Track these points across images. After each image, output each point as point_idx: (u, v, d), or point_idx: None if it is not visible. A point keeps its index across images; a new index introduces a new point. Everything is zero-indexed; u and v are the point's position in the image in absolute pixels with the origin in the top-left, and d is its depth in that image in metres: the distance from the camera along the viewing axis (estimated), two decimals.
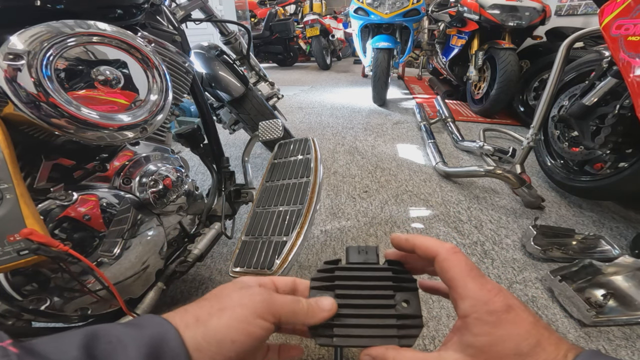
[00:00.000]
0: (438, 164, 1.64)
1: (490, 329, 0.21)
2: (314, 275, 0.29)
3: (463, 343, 0.23)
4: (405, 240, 0.28)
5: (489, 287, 0.23)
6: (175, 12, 0.92)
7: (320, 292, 0.28)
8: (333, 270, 0.29)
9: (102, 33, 0.51)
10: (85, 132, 0.48)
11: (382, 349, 0.25)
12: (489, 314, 0.22)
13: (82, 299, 0.56)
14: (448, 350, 0.24)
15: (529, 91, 2.20)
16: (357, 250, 0.30)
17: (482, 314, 0.22)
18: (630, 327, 0.81)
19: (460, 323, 0.24)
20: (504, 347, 0.21)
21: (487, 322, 0.22)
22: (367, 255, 0.29)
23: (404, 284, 0.28)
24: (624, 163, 1.14)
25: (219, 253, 1.12)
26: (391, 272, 0.28)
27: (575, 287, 0.87)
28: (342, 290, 0.27)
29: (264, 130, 1.00)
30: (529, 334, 0.21)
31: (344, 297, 0.27)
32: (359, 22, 2.74)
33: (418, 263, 0.29)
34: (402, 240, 0.28)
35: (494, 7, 2.18)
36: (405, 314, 0.26)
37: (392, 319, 0.26)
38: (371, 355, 0.25)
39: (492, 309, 0.22)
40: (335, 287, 0.28)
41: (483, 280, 0.24)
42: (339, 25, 5.56)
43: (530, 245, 1.04)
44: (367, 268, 0.28)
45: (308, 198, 0.72)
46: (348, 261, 0.29)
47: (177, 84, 0.75)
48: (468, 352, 0.22)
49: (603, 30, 1.00)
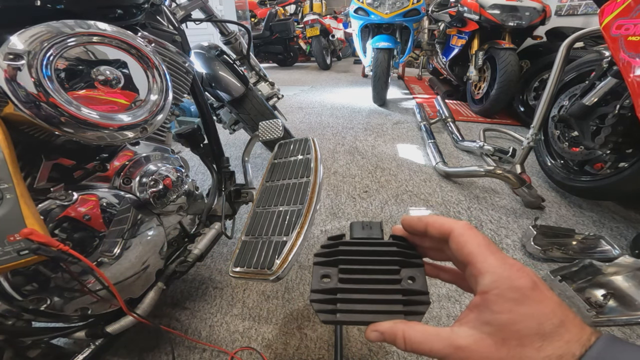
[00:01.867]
0: (438, 164, 1.64)
1: (512, 306, 0.20)
2: (317, 251, 0.28)
3: (480, 320, 0.21)
4: (417, 220, 0.27)
5: (510, 262, 0.22)
6: (175, 12, 0.92)
7: (323, 268, 0.27)
8: (337, 246, 0.28)
9: (102, 33, 0.51)
10: (85, 132, 0.48)
11: (389, 324, 0.23)
12: (512, 290, 0.20)
13: (82, 299, 0.56)
14: (462, 326, 0.22)
15: (529, 91, 2.20)
16: (361, 226, 0.29)
17: (505, 290, 0.20)
18: (630, 327, 0.81)
19: (478, 300, 0.22)
20: (525, 325, 0.19)
21: (509, 298, 0.20)
22: (371, 231, 0.29)
23: (409, 259, 0.27)
24: (624, 163, 1.14)
25: (219, 253, 1.12)
26: (396, 247, 0.27)
27: (576, 287, 0.87)
28: (346, 265, 0.27)
29: (264, 130, 1.00)
30: (554, 314, 0.19)
31: (348, 272, 0.26)
32: (359, 22, 2.74)
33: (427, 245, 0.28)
34: (414, 220, 0.27)
35: (494, 7, 2.18)
36: (412, 289, 0.25)
37: (398, 294, 0.25)
38: (379, 330, 0.23)
39: (516, 285, 0.20)
40: (339, 262, 0.27)
41: (503, 255, 0.22)
42: (339, 25, 5.56)
43: (531, 245, 1.04)
44: (372, 243, 0.28)
45: (308, 198, 0.72)
46: (352, 237, 0.29)
47: (177, 84, 0.75)
48: (485, 329, 0.21)
49: (603, 30, 1.00)
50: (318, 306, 0.25)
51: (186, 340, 0.83)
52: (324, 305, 0.25)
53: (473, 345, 0.21)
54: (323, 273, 0.27)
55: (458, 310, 0.87)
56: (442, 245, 0.26)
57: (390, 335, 0.23)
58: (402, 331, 0.22)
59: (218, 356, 0.79)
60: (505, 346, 0.20)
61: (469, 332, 0.21)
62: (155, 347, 0.81)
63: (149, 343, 0.82)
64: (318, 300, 0.25)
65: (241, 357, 0.79)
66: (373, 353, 0.78)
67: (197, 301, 0.94)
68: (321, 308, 0.25)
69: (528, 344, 0.19)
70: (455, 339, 0.21)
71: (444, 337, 0.22)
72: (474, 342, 0.21)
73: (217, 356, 0.79)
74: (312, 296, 0.26)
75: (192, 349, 0.81)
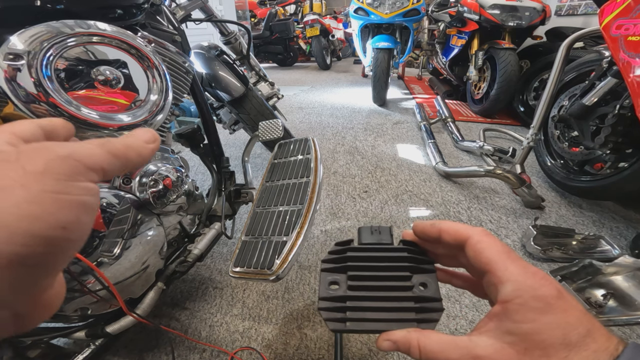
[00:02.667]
0: (438, 164, 1.64)
1: (536, 315, 0.19)
2: (324, 257, 0.27)
3: (501, 329, 0.20)
4: (430, 225, 0.25)
5: (533, 270, 0.21)
6: (175, 12, 0.92)
7: (331, 274, 0.26)
8: (345, 251, 0.27)
9: (102, 33, 0.51)
10: (85, 132, 0.48)
11: (403, 332, 0.22)
12: (536, 299, 0.19)
13: (82, 299, 0.56)
14: (481, 335, 0.21)
15: (529, 91, 2.20)
16: (370, 231, 0.28)
17: (528, 299, 0.20)
18: (630, 327, 0.81)
19: (499, 309, 0.21)
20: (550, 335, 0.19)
21: (533, 308, 0.19)
22: (380, 236, 0.28)
23: (420, 265, 0.26)
24: (624, 163, 1.14)
25: (219, 253, 1.12)
26: (407, 252, 0.26)
27: (576, 287, 0.87)
28: (355, 272, 0.25)
29: (264, 130, 1.00)
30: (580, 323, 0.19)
31: (357, 279, 0.25)
32: (359, 22, 2.74)
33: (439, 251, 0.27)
34: (427, 226, 0.26)
35: (494, 7, 2.18)
36: (424, 296, 0.24)
37: (410, 302, 0.24)
38: (391, 339, 0.22)
39: (540, 294, 0.20)
40: (348, 269, 0.26)
41: (524, 263, 0.21)
42: (339, 25, 5.56)
43: (530, 245, 1.04)
44: (381, 248, 0.27)
45: (308, 198, 0.72)
46: (360, 242, 0.28)
47: (177, 84, 0.75)
48: (506, 339, 0.20)
49: (603, 30, 1.00)
50: (327, 314, 0.24)
51: (186, 340, 0.83)
52: (333, 314, 0.24)
53: (494, 355, 0.20)
54: (331, 280, 0.26)
55: (458, 310, 0.87)
56: (456, 252, 0.25)
57: (404, 345, 0.22)
58: (417, 340, 0.22)
59: (218, 356, 0.79)
60: (528, 356, 0.19)
61: (488, 342, 0.21)
62: (155, 347, 0.81)
63: (149, 343, 0.82)
64: (327, 309, 0.25)
65: (241, 357, 0.79)
66: (373, 353, 0.78)
67: (197, 301, 0.94)
68: (330, 316, 0.24)
69: (553, 354, 0.19)
70: (473, 348, 0.21)
71: (462, 346, 0.21)
72: (495, 352, 0.20)
73: (217, 356, 0.79)
74: (320, 304, 0.25)
75: (192, 349, 0.81)
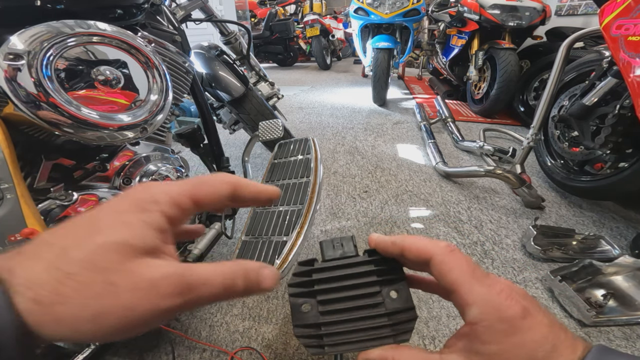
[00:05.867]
0: (438, 164, 1.64)
1: (502, 337, 0.20)
2: (290, 281, 0.26)
3: (469, 349, 0.21)
4: (391, 244, 0.25)
5: (497, 289, 0.21)
6: (175, 12, 0.92)
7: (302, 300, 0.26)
8: (310, 273, 0.26)
9: (102, 33, 0.51)
10: (85, 132, 0.48)
11: (378, 351, 0.23)
12: (501, 321, 0.20)
13: None
14: (452, 354, 0.22)
15: (529, 91, 2.20)
16: (332, 245, 0.27)
17: (494, 322, 0.20)
18: (630, 327, 0.81)
19: (467, 329, 0.22)
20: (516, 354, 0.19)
21: (498, 330, 0.20)
22: (343, 249, 0.27)
23: (389, 276, 0.25)
24: (624, 163, 1.14)
25: (219, 253, 1.12)
26: (373, 264, 0.26)
27: (576, 287, 0.87)
28: (324, 296, 0.25)
29: (264, 130, 1.00)
30: (545, 339, 0.19)
31: (327, 303, 0.25)
32: (359, 22, 2.74)
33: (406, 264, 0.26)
34: (387, 244, 0.25)
35: (494, 7, 2.18)
36: (396, 308, 0.24)
37: (383, 318, 0.24)
38: (369, 358, 0.23)
39: (505, 316, 0.20)
40: (317, 293, 0.25)
41: (489, 282, 0.21)
42: (339, 25, 5.56)
43: (531, 245, 1.04)
44: (346, 264, 0.26)
45: (308, 198, 0.72)
46: (324, 258, 0.27)
47: (177, 84, 0.75)
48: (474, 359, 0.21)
49: (603, 30, 1.00)
50: (304, 341, 0.25)
51: (186, 340, 0.83)
52: (310, 341, 0.25)
53: None
54: (302, 303, 0.25)
55: None
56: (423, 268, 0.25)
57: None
58: (392, 357, 0.23)
59: (218, 356, 0.79)
60: None
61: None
62: (155, 347, 0.81)
63: (149, 343, 0.82)
64: (303, 336, 0.25)
65: (241, 357, 0.79)
66: None
67: None
68: (308, 343, 0.25)
69: None
70: None
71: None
72: None
73: (217, 356, 0.79)
74: (296, 331, 0.25)
75: (192, 349, 0.81)
